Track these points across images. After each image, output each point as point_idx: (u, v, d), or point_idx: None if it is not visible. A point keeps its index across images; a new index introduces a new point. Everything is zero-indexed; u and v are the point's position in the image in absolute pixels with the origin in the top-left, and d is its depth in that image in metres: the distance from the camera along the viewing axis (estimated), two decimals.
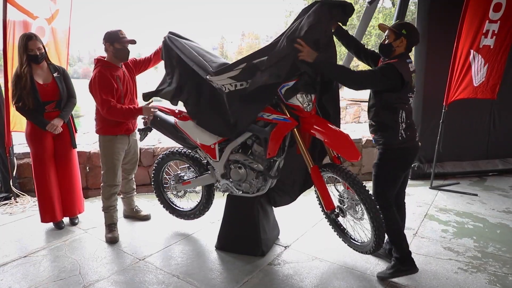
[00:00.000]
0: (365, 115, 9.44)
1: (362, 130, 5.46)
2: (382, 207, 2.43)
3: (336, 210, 2.58)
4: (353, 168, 4.83)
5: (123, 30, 3.03)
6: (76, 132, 3.44)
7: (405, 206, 2.73)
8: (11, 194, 4.03)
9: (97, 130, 3.16)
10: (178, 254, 2.93)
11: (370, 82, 2.40)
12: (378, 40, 15.82)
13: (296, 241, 3.12)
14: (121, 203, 3.52)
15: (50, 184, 3.25)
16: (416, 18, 4.66)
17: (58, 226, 3.37)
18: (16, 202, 3.97)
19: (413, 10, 12.07)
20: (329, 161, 2.69)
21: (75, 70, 56.07)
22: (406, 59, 2.43)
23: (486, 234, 3.28)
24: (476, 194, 4.26)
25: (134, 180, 3.55)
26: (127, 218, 3.61)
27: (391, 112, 2.43)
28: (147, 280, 2.57)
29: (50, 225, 3.39)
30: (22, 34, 3.08)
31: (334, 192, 2.69)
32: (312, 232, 3.29)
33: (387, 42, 2.44)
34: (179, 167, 3.42)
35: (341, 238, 2.83)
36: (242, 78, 2.48)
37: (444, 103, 4.27)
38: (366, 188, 2.41)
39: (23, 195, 4.07)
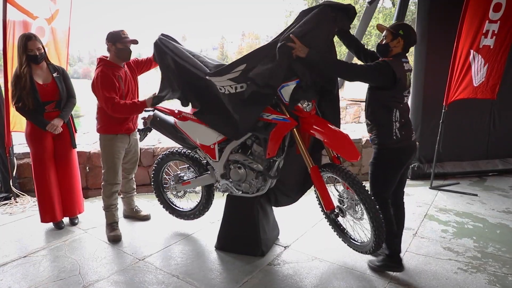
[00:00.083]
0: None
1: (362, 130, 5.44)
2: (378, 206, 2.44)
3: (335, 210, 2.58)
4: (353, 168, 4.83)
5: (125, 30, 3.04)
6: (76, 132, 3.45)
7: (404, 206, 2.73)
8: (11, 194, 4.03)
9: (98, 129, 3.16)
10: (178, 254, 2.93)
11: (363, 74, 2.41)
12: (378, 40, 15.76)
13: (296, 241, 3.12)
14: (121, 203, 3.52)
15: (50, 184, 3.25)
16: (416, 18, 4.66)
17: (58, 226, 3.38)
18: (16, 202, 3.98)
19: (413, 10, 12.11)
20: (328, 161, 2.69)
21: (75, 70, 56.09)
22: (402, 58, 2.45)
23: (486, 234, 3.28)
24: (476, 194, 4.26)
25: (134, 180, 3.55)
26: (127, 218, 3.61)
27: (385, 110, 2.45)
28: (147, 280, 2.57)
29: (50, 225, 3.40)
30: (21, 34, 3.08)
31: (334, 192, 2.69)
32: (312, 232, 3.29)
33: (385, 42, 2.47)
34: (179, 167, 3.43)
35: (340, 238, 2.83)
36: (242, 80, 2.47)
37: (444, 103, 4.27)
38: (366, 188, 2.41)
39: (23, 195, 4.08)
